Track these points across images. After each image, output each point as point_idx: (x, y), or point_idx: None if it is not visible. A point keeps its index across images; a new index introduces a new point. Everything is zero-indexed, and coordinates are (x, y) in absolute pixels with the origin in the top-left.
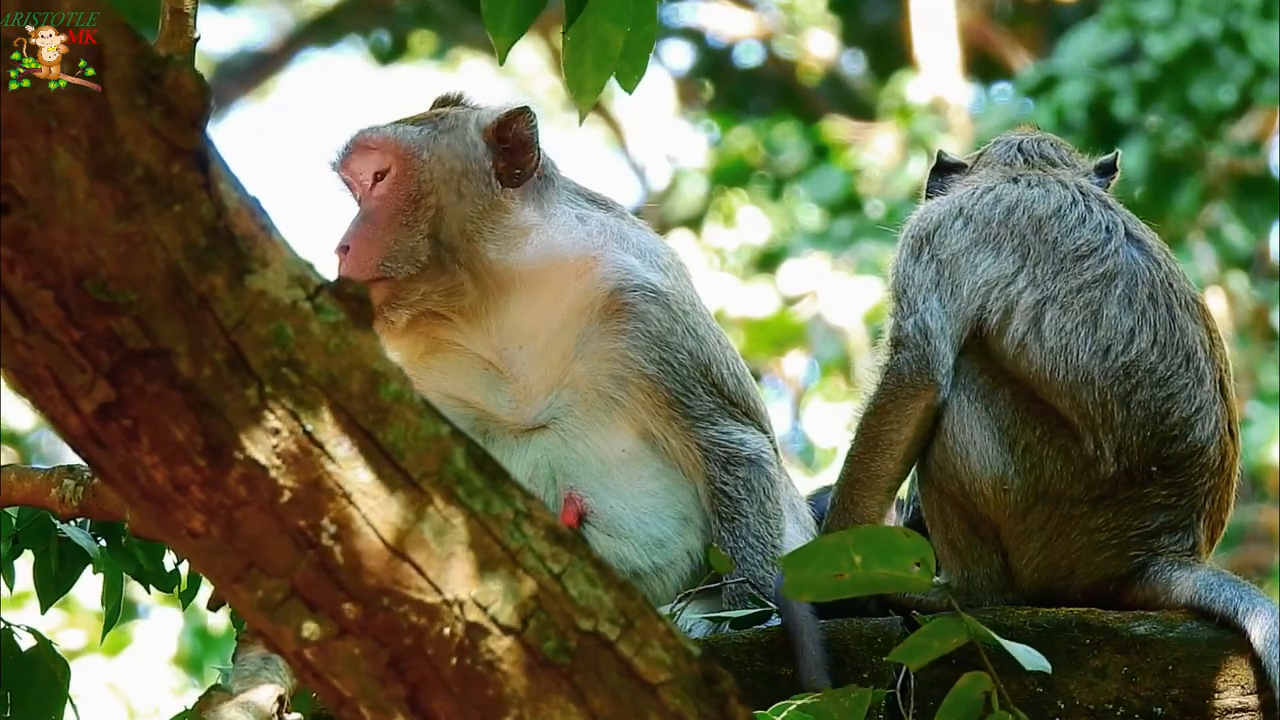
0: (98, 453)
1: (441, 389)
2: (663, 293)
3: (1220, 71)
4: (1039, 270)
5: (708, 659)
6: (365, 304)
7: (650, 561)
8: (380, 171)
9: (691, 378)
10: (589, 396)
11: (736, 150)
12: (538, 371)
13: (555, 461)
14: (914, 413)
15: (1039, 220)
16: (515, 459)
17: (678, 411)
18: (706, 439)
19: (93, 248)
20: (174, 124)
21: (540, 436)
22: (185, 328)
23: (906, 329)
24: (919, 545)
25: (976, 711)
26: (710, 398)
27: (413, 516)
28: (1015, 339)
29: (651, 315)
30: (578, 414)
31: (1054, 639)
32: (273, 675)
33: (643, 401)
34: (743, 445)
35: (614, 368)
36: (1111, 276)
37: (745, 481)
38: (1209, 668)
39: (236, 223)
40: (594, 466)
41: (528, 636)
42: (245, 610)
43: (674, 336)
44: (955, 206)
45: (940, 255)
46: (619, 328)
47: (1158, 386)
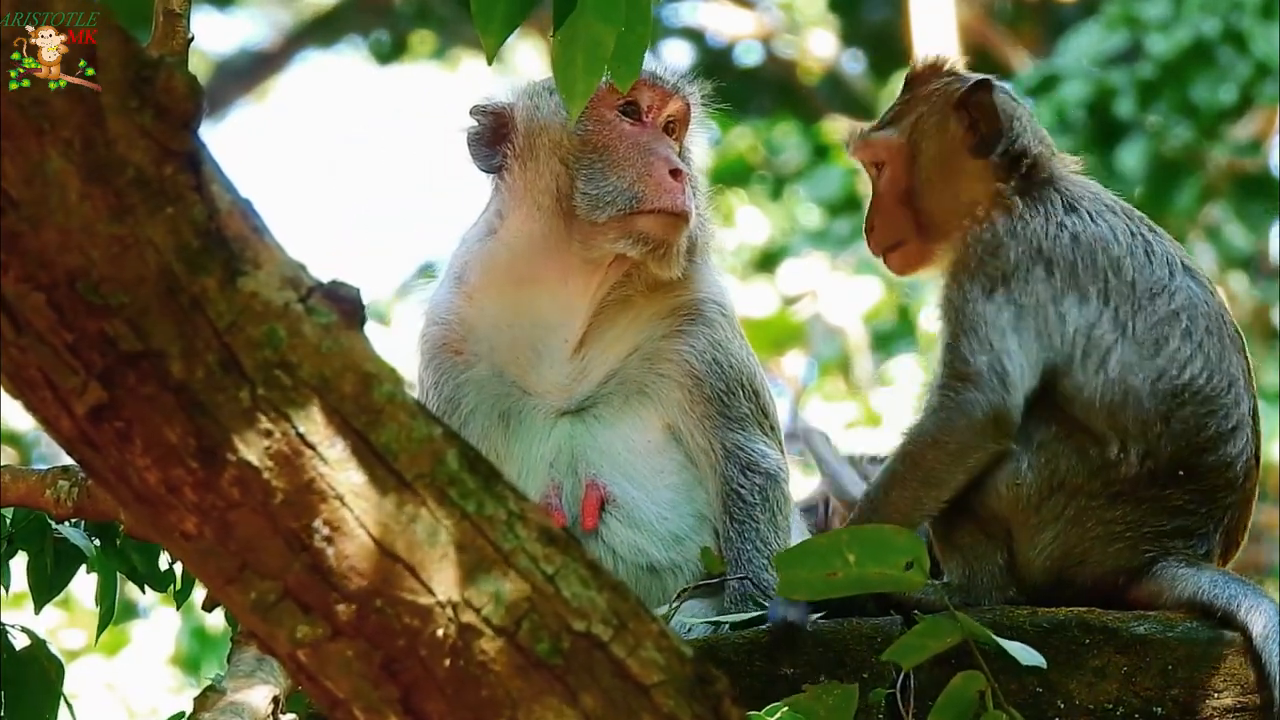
0: (90, 455)
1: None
2: (728, 305)
3: (1221, 71)
4: (1121, 311)
5: (701, 660)
6: (357, 306)
7: (668, 557)
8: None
9: (736, 381)
10: (630, 387)
11: (736, 150)
12: (605, 357)
13: (578, 447)
14: (977, 461)
15: (1118, 261)
16: (538, 441)
17: (714, 409)
18: (732, 441)
19: (85, 250)
20: (166, 126)
21: (566, 421)
22: (177, 330)
23: (979, 365)
24: (912, 544)
25: (971, 710)
26: (748, 403)
27: (406, 518)
28: (1083, 375)
29: (718, 323)
30: (614, 403)
31: (1054, 639)
32: (268, 676)
33: (679, 398)
34: (764, 457)
35: (668, 366)
36: (1178, 312)
37: (761, 489)
38: (1209, 668)
39: (228, 224)
40: (618, 456)
41: (521, 638)
42: (239, 612)
43: (731, 344)
44: (1034, 248)
45: (1021, 301)
46: (686, 329)
47: (1200, 404)
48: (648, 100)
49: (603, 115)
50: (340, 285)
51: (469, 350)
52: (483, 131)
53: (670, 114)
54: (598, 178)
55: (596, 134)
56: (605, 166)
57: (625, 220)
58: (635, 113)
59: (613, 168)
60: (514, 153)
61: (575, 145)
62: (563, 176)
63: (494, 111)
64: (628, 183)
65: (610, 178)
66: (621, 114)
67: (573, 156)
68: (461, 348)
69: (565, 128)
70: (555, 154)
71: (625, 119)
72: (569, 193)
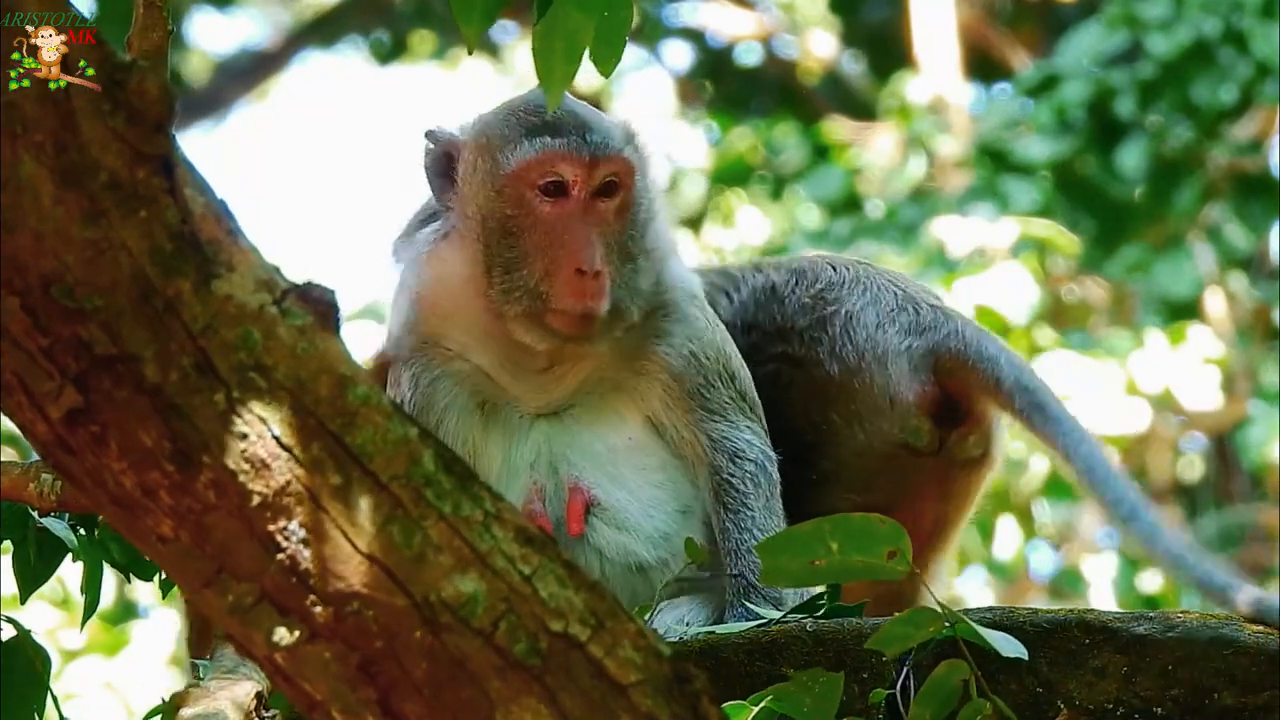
0: (66, 459)
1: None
2: (700, 294)
3: (1221, 71)
4: None
5: (679, 659)
6: (332, 308)
7: (656, 555)
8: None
9: (715, 371)
10: (607, 386)
11: (736, 150)
12: (578, 368)
13: (558, 449)
14: None
15: None
16: (518, 442)
17: (695, 402)
18: (717, 431)
19: (59, 254)
20: (138, 129)
21: (544, 422)
22: (152, 333)
23: None
24: (894, 532)
25: (954, 699)
26: (727, 391)
27: (382, 519)
28: None
29: (691, 316)
30: (591, 403)
31: (1054, 639)
32: (250, 672)
33: (659, 393)
34: (750, 444)
35: (644, 364)
36: None
37: (752, 476)
38: (1209, 668)
39: (202, 227)
40: (599, 455)
41: (498, 638)
42: (216, 615)
43: (706, 334)
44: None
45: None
46: (660, 327)
47: None
48: (571, 174)
49: (522, 195)
50: (314, 287)
51: (443, 346)
52: (434, 161)
53: (605, 177)
54: (510, 267)
55: (514, 219)
56: (516, 258)
57: (533, 316)
58: (559, 190)
59: (523, 260)
60: (456, 196)
61: (496, 226)
62: (478, 260)
63: (444, 144)
64: (534, 281)
65: (521, 270)
66: (543, 193)
67: (494, 238)
68: (435, 345)
69: (491, 201)
70: (479, 230)
71: (546, 199)
72: (486, 273)
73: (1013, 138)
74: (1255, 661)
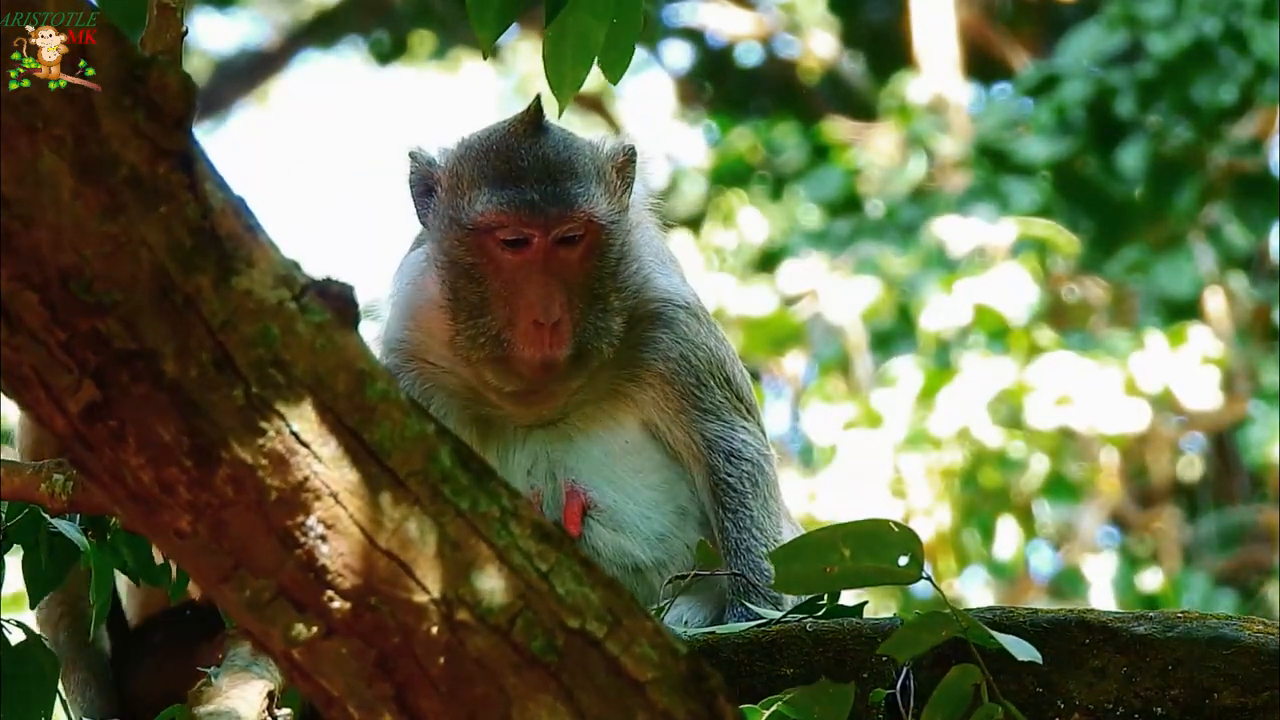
0: (84, 454)
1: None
2: (689, 302)
3: (1221, 71)
4: None
5: (695, 656)
6: (350, 304)
7: (653, 556)
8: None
9: (706, 371)
10: (601, 391)
11: (736, 150)
12: (568, 386)
13: (555, 454)
14: None
15: None
16: (515, 450)
17: (689, 403)
18: (712, 431)
19: (78, 248)
20: (159, 125)
21: (541, 428)
22: (171, 328)
23: None
24: (907, 538)
25: (966, 704)
26: (721, 391)
27: (399, 515)
28: None
29: (679, 320)
30: (586, 409)
31: (1054, 639)
32: (262, 671)
33: (653, 396)
34: (746, 444)
35: (637, 371)
36: None
37: (750, 475)
38: (1209, 668)
39: (222, 223)
40: (596, 459)
41: (515, 635)
42: (233, 610)
43: (697, 336)
44: None
45: None
46: (650, 334)
47: None
48: (530, 231)
49: (484, 244)
50: (333, 283)
51: (434, 362)
52: (415, 181)
53: (567, 231)
54: (474, 313)
55: (476, 266)
56: (479, 304)
57: (497, 361)
58: (520, 243)
59: (485, 306)
60: (432, 223)
61: (461, 271)
62: (446, 302)
63: (423, 166)
64: (496, 329)
65: (484, 317)
66: (504, 244)
67: (459, 281)
68: (427, 361)
69: (455, 247)
70: (447, 271)
71: (507, 249)
72: (453, 318)
73: (1013, 138)
74: (1255, 661)
